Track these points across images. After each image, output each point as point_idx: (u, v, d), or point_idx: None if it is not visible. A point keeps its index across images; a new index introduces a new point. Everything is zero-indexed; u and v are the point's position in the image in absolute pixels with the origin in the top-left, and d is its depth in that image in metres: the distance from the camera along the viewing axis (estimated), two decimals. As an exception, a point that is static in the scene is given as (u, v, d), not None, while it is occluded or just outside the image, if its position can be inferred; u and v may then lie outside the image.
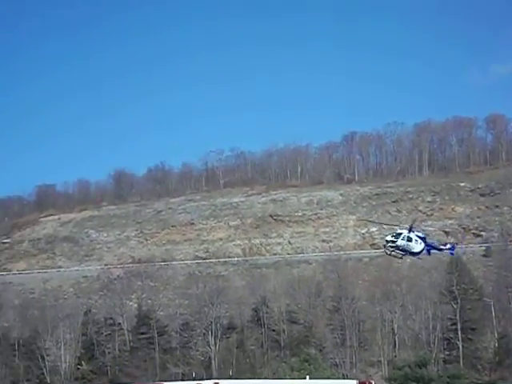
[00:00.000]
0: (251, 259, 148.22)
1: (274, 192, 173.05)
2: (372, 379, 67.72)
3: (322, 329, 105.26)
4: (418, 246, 60.13)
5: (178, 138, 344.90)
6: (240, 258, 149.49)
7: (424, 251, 61.15)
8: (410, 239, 59.18)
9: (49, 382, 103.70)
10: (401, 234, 59.81)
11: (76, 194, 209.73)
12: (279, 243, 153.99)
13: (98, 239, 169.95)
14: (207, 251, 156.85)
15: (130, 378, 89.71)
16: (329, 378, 52.04)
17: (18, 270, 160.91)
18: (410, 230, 60.27)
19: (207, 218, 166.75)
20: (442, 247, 65.96)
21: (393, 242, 59.60)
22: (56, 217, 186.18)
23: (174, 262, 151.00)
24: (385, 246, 62.64)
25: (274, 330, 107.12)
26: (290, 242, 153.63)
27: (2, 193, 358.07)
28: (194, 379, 17.21)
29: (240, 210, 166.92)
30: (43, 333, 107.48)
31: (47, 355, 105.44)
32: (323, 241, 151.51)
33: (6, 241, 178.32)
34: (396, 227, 65.92)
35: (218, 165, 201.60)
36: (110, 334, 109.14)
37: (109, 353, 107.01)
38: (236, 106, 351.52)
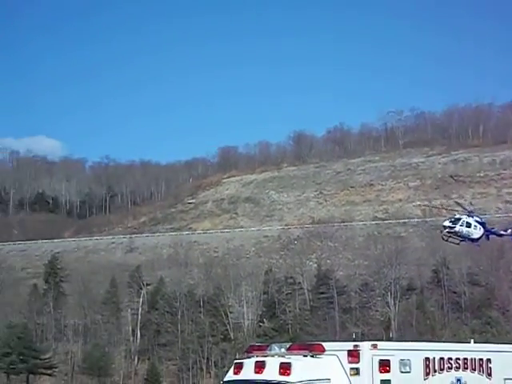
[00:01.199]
0: (431, 220, 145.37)
1: (455, 152, 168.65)
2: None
3: (506, 291, 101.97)
4: (477, 231, 56.58)
5: (357, 99, 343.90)
6: (420, 219, 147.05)
7: (483, 237, 57.64)
8: (469, 225, 55.86)
9: (232, 337, 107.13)
10: (460, 219, 56.50)
11: (257, 155, 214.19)
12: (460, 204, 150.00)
13: (279, 200, 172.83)
14: (386, 212, 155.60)
15: (311, 337, 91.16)
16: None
17: (202, 230, 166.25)
18: (469, 215, 57.13)
19: (386, 179, 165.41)
20: (502, 233, 61.50)
21: (451, 227, 56.24)
22: (238, 178, 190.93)
23: (352, 223, 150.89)
24: (441, 231, 59.32)
25: (454, 292, 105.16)
26: (471, 203, 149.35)
27: (188, 155, 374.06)
28: (354, 340, 17.07)
29: (420, 170, 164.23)
30: (226, 290, 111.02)
31: (230, 312, 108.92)
32: (506, 202, 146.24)
33: (191, 201, 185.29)
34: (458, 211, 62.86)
35: (398, 125, 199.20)
36: (290, 292, 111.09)
37: (289, 311, 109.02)
38: (415, 65, 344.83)
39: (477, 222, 56.68)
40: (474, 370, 18.71)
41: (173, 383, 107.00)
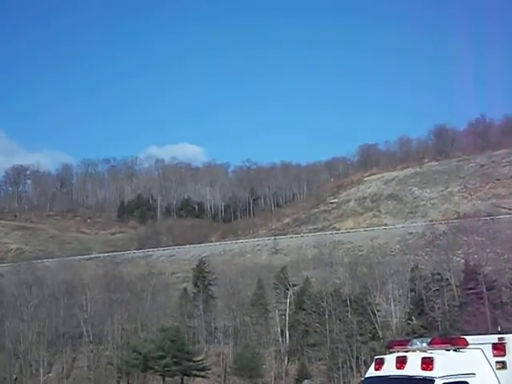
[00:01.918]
0: None
1: None
2: None
3: None
4: None
5: (499, 89, 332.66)
6: None
7: None
8: None
9: (381, 336, 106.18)
10: None
11: (397, 151, 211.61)
12: None
13: (422, 196, 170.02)
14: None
15: (461, 333, 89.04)
16: None
17: (345, 229, 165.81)
18: None
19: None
20: None
21: None
22: (379, 175, 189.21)
23: (499, 216, 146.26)
24: None
25: None
26: None
27: (327, 155, 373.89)
28: (499, 332, 16.43)
29: None
30: (372, 289, 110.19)
31: (378, 310, 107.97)
32: None
33: (333, 201, 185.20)
34: None
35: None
36: (437, 289, 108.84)
37: (438, 308, 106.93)
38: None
39: None
40: None
41: (324, 383, 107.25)
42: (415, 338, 16.38)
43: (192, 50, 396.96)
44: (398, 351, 15.60)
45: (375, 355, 16.06)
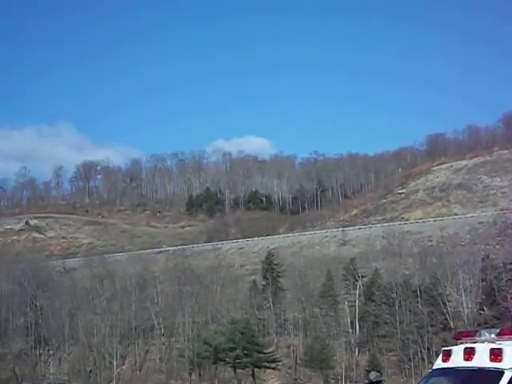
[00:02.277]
0: None
1: None
2: None
3: None
4: None
5: None
6: None
7: None
8: None
9: (452, 326, 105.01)
10: None
11: (466, 140, 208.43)
12: None
13: (492, 184, 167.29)
14: None
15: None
16: None
17: (414, 219, 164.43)
18: None
19: None
20: None
21: None
22: (448, 164, 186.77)
23: None
24: None
25: None
26: None
27: (395, 145, 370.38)
28: None
29: None
30: (443, 279, 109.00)
31: (448, 301, 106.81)
32: None
33: (401, 191, 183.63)
34: None
35: None
36: (510, 279, 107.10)
37: (510, 298, 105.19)
38: None
39: None
40: None
41: (394, 374, 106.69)
42: (486, 328, 16.20)
43: (258, 38, 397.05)
44: (465, 342, 15.51)
45: (446, 346, 15.97)
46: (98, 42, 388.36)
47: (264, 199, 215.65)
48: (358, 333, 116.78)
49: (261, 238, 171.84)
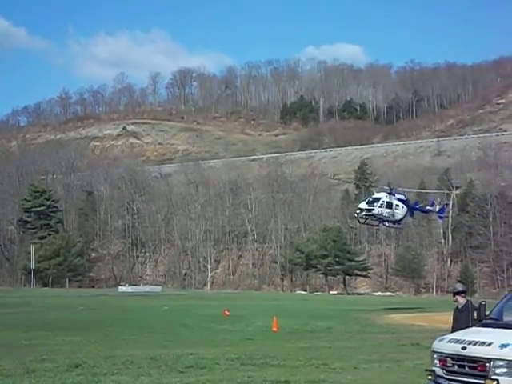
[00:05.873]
0: None
1: None
2: None
3: None
4: (399, 212, 49.76)
5: None
6: None
7: (407, 216, 51.56)
8: (389, 205, 48.82)
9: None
10: (379, 199, 49.33)
11: None
12: None
13: None
14: None
15: None
16: None
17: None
18: (390, 193, 49.72)
19: None
20: (428, 208, 55.64)
21: (368, 210, 48.87)
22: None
23: None
24: (357, 214, 51.15)
25: None
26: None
27: (495, 53, 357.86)
28: None
29: None
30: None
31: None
32: None
33: (499, 101, 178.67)
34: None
35: None
36: None
37: None
38: None
39: (399, 199, 50.20)
40: None
41: (487, 285, 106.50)
42: None
43: None
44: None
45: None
46: None
47: (358, 108, 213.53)
48: (450, 243, 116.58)
49: (354, 147, 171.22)
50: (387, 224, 51.57)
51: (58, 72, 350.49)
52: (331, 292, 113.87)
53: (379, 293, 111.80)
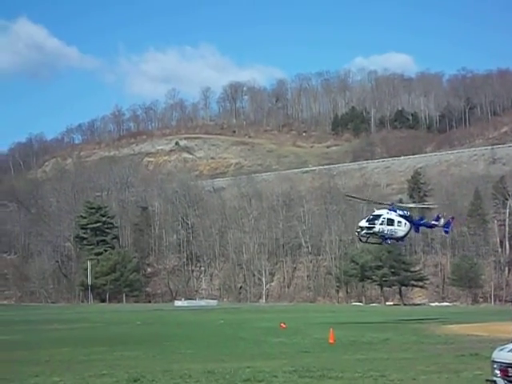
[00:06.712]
0: None
1: None
2: None
3: None
4: (402, 228, 47.55)
5: None
6: None
7: (411, 231, 49.84)
8: (391, 222, 46.79)
9: None
10: (379, 216, 47.11)
11: None
12: None
13: None
14: None
15: None
16: None
17: None
18: (391, 210, 47.69)
19: None
20: (434, 223, 52.58)
21: (369, 228, 46.83)
22: None
23: None
24: (358, 233, 49.17)
25: None
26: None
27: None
28: None
29: None
30: None
31: None
32: None
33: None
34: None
35: None
36: None
37: None
38: None
39: (401, 216, 48.10)
40: None
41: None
42: None
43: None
44: None
45: None
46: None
47: (410, 117, 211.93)
48: (507, 252, 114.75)
49: (407, 156, 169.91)
50: (389, 242, 50.05)
51: (110, 89, 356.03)
52: (387, 303, 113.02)
53: (436, 303, 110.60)
